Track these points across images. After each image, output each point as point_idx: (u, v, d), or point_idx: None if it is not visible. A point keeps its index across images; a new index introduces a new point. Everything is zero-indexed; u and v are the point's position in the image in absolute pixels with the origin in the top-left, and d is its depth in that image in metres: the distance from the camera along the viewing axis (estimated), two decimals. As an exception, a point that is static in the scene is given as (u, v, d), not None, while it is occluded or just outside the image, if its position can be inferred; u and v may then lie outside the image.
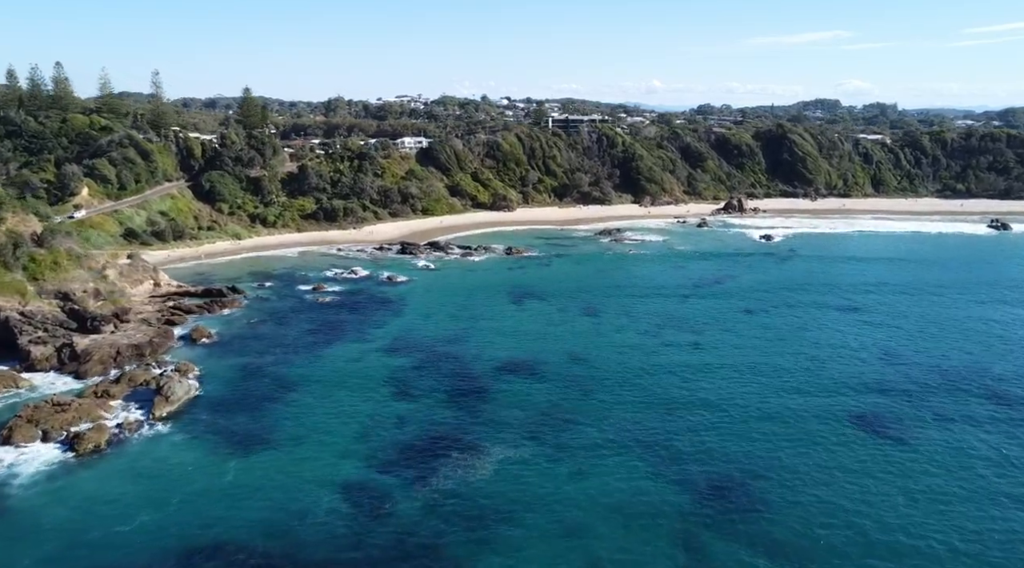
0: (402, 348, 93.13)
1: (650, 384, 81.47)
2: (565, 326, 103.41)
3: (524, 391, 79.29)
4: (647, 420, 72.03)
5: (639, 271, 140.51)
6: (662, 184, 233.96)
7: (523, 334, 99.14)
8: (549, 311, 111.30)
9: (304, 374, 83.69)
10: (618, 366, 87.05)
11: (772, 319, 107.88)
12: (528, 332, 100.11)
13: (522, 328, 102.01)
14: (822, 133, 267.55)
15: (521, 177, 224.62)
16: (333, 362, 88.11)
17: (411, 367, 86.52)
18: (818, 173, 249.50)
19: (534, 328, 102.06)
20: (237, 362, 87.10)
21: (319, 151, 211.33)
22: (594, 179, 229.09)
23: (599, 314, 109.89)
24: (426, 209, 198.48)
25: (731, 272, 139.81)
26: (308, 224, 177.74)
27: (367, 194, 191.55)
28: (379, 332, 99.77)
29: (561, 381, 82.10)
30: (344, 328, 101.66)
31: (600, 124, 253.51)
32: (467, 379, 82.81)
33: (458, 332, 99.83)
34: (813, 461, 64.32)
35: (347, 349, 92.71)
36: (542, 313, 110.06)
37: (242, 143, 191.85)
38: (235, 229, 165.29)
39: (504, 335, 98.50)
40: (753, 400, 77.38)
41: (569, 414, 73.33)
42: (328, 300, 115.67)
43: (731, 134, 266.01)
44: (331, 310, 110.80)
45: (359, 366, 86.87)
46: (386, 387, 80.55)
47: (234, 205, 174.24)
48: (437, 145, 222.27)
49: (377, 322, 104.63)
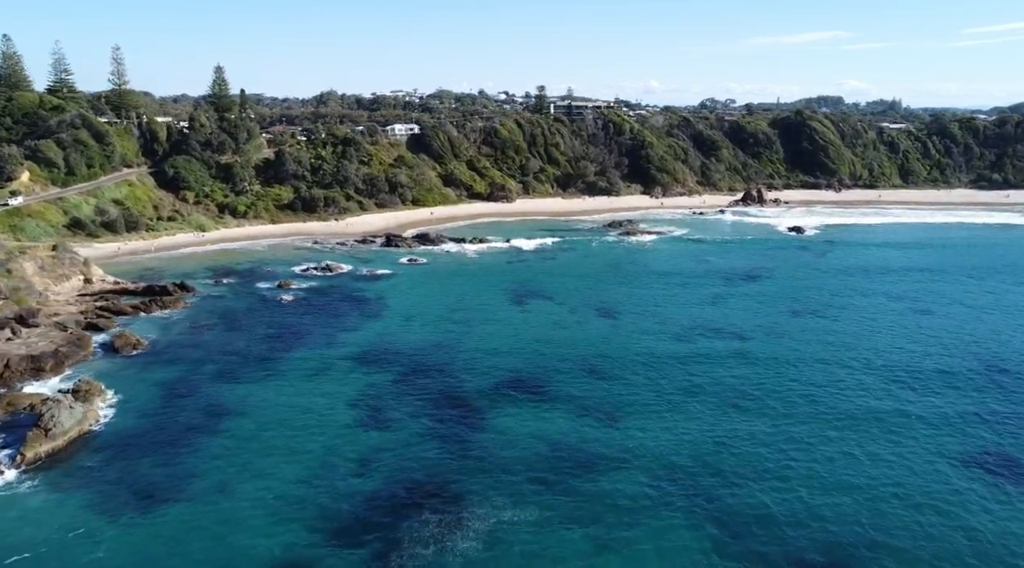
0: (376, 359, 74.69)
1: (695, 410, 63.02)
2: (578, 331, 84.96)
3: (529, 418, 60.90)
4: (693, 464, 53.64)
5: (659, 266, 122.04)
6: (674, 174, 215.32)
7: (527, 341, 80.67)
8: (557, 312, 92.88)
9: (248, 395, 65.23)
10: (648, 384, 68.63)
11: (829, 322, 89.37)
12: (533, 339, 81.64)
13: (525, 334, 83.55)
14: (843, 120, 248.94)
15: (521, 166, 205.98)
16: (287, 378, 69.66)
17: (386, 384, 68.10)
18: (841, 163, 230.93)
19: (540, 334, 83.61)
20: (164, 378, 68.56)
21: (301, 138, 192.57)
22: (600, 168, 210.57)
23: (617, 316, 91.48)
24: (417, 199, 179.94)
25: (764, 267, 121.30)
26: (284, 215, 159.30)
27: (351, 183, 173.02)
28: (350, 338, 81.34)
29: (576, 405, 63.68)
30: (307, 333, 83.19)
31: (606, 110, 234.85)
32: (456, 401, 64.37)
33: (447, 338, 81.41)
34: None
35: (307, 360, 74.24)
36: (549, 315, 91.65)
37: (212, 126, 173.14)
38: (200, 220, 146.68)
39: (504, 342, 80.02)
40: (836, 438, 59.01)
41: (589, 452, 54.95)
42: (293, 299, 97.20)
43: (746, 122, 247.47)
44: (295, 311, 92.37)
45: (319, 383, 68.41)
46: (351, 412, 62.13)
47: (201, 194, 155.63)
48: (430, 131, 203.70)
49: (349, 325, 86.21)
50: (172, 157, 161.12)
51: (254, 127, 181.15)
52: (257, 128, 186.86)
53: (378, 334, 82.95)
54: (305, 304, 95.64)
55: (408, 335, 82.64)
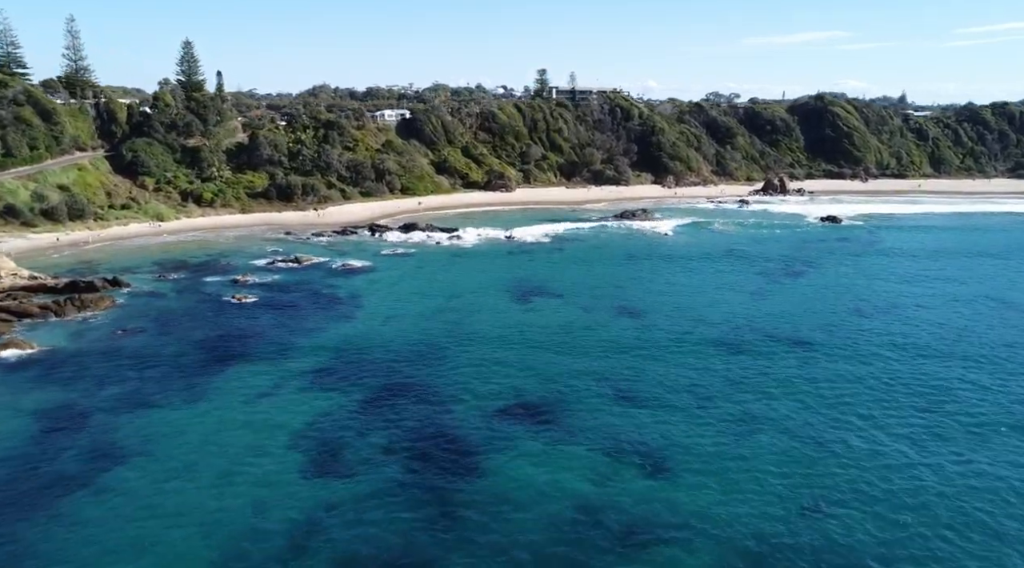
0: (340, 374, 57.52)
1: (768, 449, 45.86)
2: (597, 337, 67.75)
3: (540, 463, 43.77)
4: (782, 544, 36.52)
5: (683, 258, 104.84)
6: (688, 162, 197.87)
7: (534, 352, 63.49)
8: (569, 313, 75.67)
9: (158, 427, 48.05)
10: (697, 410, 51.50)
11: (906, 323, 72.18)
12: (541, 348, 64.45)
13: (532, 341, 66.32)
14: (867, 106, 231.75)
15: (521, 153, 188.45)
16: (219, 401, 52.46)
17: (348, 411, 50.94)
18: (867, 151, 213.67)
19: (550, 341, 66.42)
20: (46, 403, 51.32)
21: (280, 123, 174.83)
22: (607, 156, 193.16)
23: (642, 316, 74.25)
24: (406, 188, 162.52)
25: (805, 259, 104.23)
26: (257, 204, 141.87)
27: (334, 169, 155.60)
28: (310, 346, 64.16)
29: (605, 442, 46.54)
30: (257, 340, 65.97)
31: (613, 94, 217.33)
32: (440, 437, 47.21)
33: (431, 347, 64.22)
34: None
35: (250, 376, 57.06)
36: (560, 316, 74.43)
37: (179, 107, 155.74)
38: (158, 208, 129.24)
39: (504, 353, 62.86)
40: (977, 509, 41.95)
41: (629, 518, 37.82)
42: (249, 298, 79.92)
43: (762, 108, 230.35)
44: (249, 311, 75.15)
45: (260, 409, 51.21)
46: (296, 453, 44.99)
47: (162, 180, 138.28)
48: (421, 115, 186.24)
49: (312, 329, 69.00)
50: (131, 140, 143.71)
51: (226, 108, 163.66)
52: (231, 110, 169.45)
53: (346, 341, 65.71)
54: (262, 303, 78.40)
55: (383, 343, 65.42)
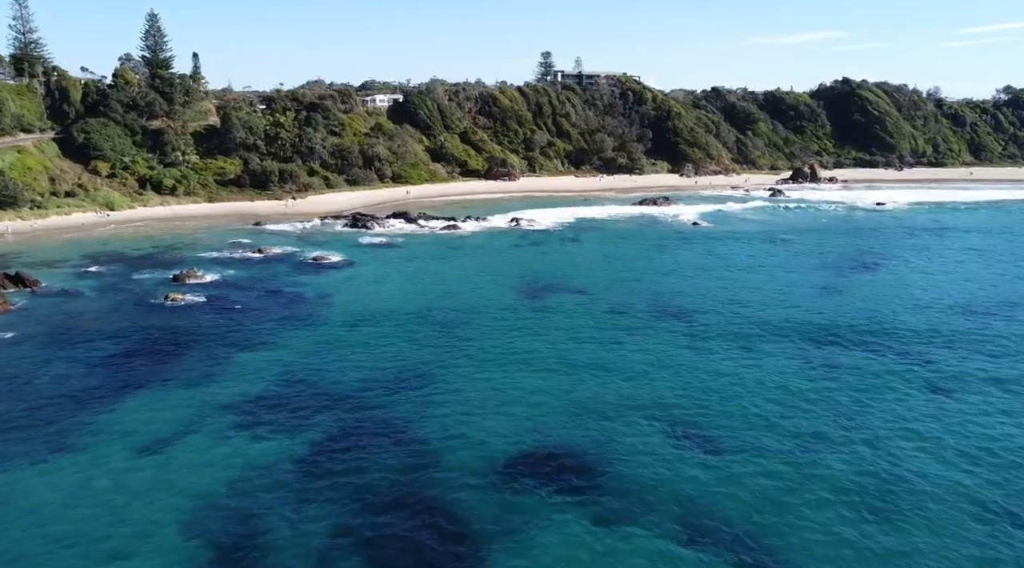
0: (285, 408, 40.48)
1: (923, 526, 28.80)
2: (637, 348, 50.64)
3: (582, 552, 26.64)
4: None
5: (723, 249, 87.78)
6: (707, 149, 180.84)
7: (555, 372, 46.37)
8: (596, 316, 58.59)
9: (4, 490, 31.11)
10: (804, 459, 34.42)
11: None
12: (565, 365, 47.36)
13: (550, 354, 49.25)
14: (898, 90, 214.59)
15: (525, 140, 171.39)
16: (96, 451, 35.41)
17: (287, 470, 33.84)
18: (901, 137, 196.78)
19: (575, 354, 49.34)
20: None
21: (260, 106, 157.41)
22: (619, 142, 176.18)
23: (690, 319, 57.18)
24: (398, 176, 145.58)
25: (874, 251, 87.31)
26: (227, 192, 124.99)
27: (316, 155, 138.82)
28: (251, 364, 47.15)
29: (682, 524, 29.40)
30: (181, 356, 48.93)
31: (624, 77, 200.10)
32: (425, 517, 30.00)
33: (417, 365, 47.16)
34: None
35: (154, 412, 40.00)
36: (584, 320, 57.35)
37: (142, 86, 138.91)
38: (109, 196, 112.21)
39: (515, 373, 45.77)
40: None
41: None
42: (187, 298, 62.90)
43: (783, 93, 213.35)
44: (184, 315, 58.16)
45: (154, 466, 34.14)
46: (192, 545, 27.90)
47: (118, 164, 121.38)
48: (415, 98, 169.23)
49: (259, 341, 51.99)
50: (84, 120, 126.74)
51: (196, 87, 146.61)
52: (203, 92, 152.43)
53: (301, 356, 48.69)
54: (203, 305, 61.41)
55: (351, 359, 48.37)
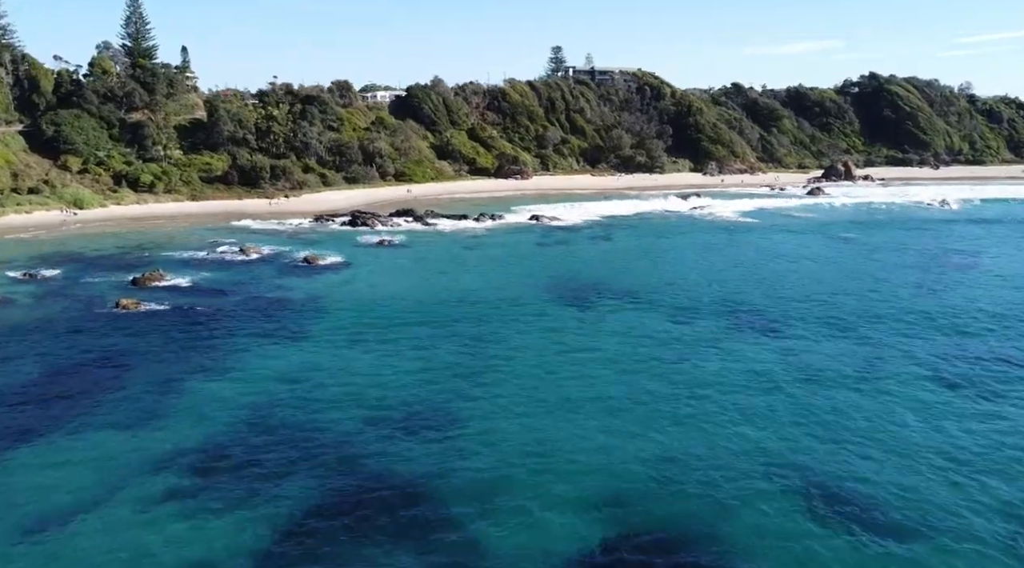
0: (249, 465, 28.14)
1: None
2: (724, 368, 38.28)
3: None
4: None
5: (784, 247, 75.46)
6: (731, 146, 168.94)
7: (623, 404, 33.97)
8: (657, 327, 46.20)
9: None
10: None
11: None
12: (634, 394, 35.00)
13: (613, 379, 36.88)
14: (929, 86, 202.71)
15: (537, 136, 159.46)
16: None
17: (243, 567, 21.52)
18: (935, 134, 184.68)
19: (643, 378, 36.99)
20: None
21: (252, 101, 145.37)
22: (637, 139, 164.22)
23: (778, 330, 44.85)
24: (402, 173, 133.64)
25: (963, 249, 75.13)
26: (213, 190, 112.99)
27: (312, 150, 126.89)
28: (207, 397, 34.86)
29: None
30: (123, 380, 36.71)
31: (640, 72, 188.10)
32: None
33: (433, 398, 34.81)
34: None
35: (70, 464, 27.75)
36: (644, 331, 44.98)
37: (122, 76, 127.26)
38: (79, 193, 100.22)
39: (572, 410, 33.45)
40: None
41: None
42: (146, 304, 50.69)
43: (807, 90, 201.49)
44: (135, 327, 45.95)
45: (49, 559, 21.82)
46: None
47: (91, 159, 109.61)
48: (419, 93, 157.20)
49: (227, 361, 39.72)
50: (55, 112, 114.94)
51: (180, 78, 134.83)
52: (189, 83, 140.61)
53: (277, 386, 36.39)
54: (164, 313, 49.22)
55: (345, 389, 36.05)
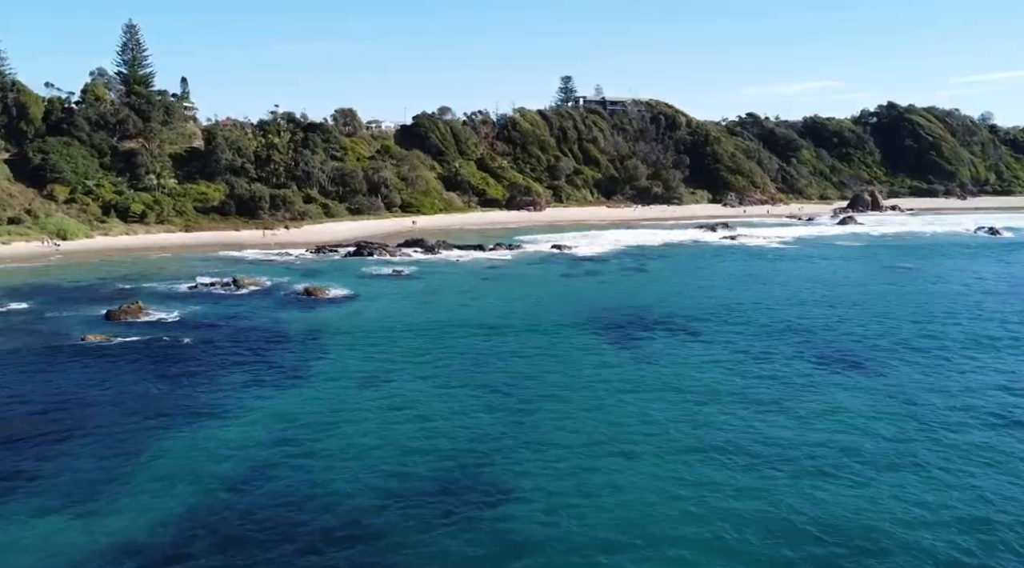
0: (234, 544, 20.06)
1: None
2: (824, 416, 30.33)
3: None
4: None
5: (845, 277, 67.73)
6: (751, 177, 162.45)
7: (717, 457, 26.00)
8: (729, 368, 38.25)
9: None
10: None
11: None
12: (725, 448, 27.00)
13: (688, 427, 28.89)
14: (949, 115, 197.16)
15: (549, 167, 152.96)
16: None
17: None
18: (960, 164, 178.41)
19: (731, 429, 28.99)
20: None
21: (252, 131, 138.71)
22: (653, 170, 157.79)
23: (878, 370, 36.91)
24: (409, 205, 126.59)
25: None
26: (209, 220, 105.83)
27: (315, 180, 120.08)
28: (179, 458, 26.85)
29: None
30: (69, 436, 28.70)
31: (654, 102, 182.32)
32: None
33: (466, 464, 26.74)
34: None
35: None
36: (715, 373, 36.99)
37: (116, 103, 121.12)
38: (63, 223, 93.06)
39: (651, 466, 25.42)
40: None
41: None
42: (118, 338, 42.85)
43: (825, 120, 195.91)
44: (101, 368, 38.05)
45: None
46: None
47: (80, 188, 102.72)
48: (425, 122, 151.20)
49: (203, 413, 31.74)
50: (43, 139, 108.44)
51: (178, 106, 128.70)
52: (188, 112, 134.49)
53: (264, 450, 28.37)
54: (140, 350, 41.36)
55: (351, 453, 27.98)
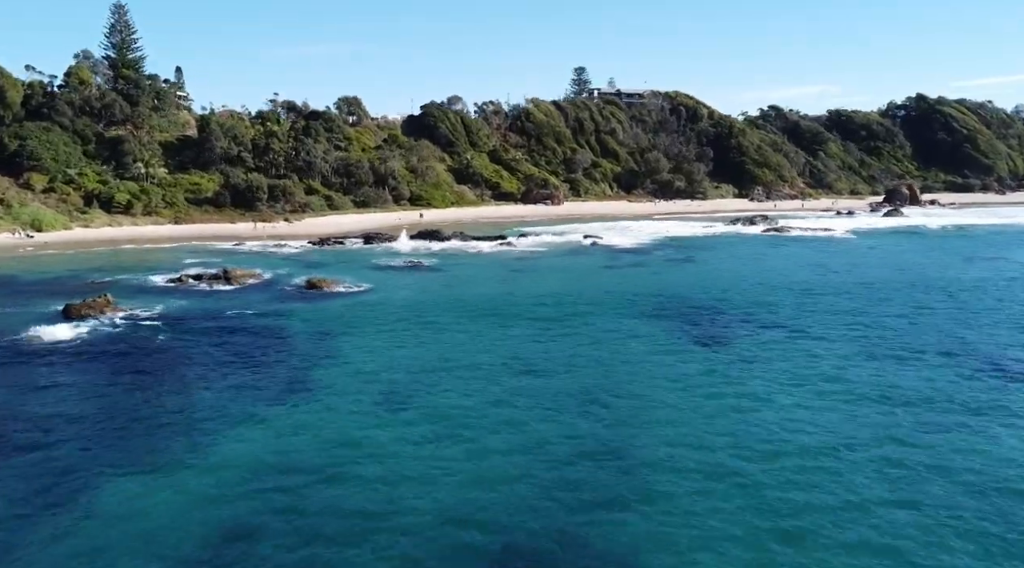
0: None
1: None
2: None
3: None
4: None
5: (913, 264, 58.70)
6: (779, 170, 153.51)
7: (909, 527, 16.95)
8: (864, 382, 29.29)
9: None
10: None
11: None
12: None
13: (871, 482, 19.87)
14: (981, 107, 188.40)
15: (565, 160, 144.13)
16: None
17: None
18: (997, 158, 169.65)
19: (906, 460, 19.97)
20: None
21: (249, 122, 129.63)
22: (675, 163, 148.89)
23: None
24: (419, 197, 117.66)
25: None
26: (202, 212, 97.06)
27: (317, 170, 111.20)
28: (141, 498, 17.85)
29: None
30: (9, 457, 19.74)
31: (673, 93, 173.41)
32: None
33: (545, 509, 17.72)
34: None
35: None
36: (853, 384, 28.08)
37: (102, 87, 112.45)
38: (39, 213, 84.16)
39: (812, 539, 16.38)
40: None
41: None
42: (83, 342, 33.89)
43: (851, 112, 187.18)
44: (44, 375, 29.07)
45: None
46: None
47: (60, 177, 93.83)
48: (435, 111, 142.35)
49: (181, 433, 22.70)
50: (21, 124, 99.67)
51: (170, 92, 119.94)
52: (181, 101, 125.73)
53: (255, 485, 19.38)
54: (97, 356, 32.35)
55: (373, 498, 18.98)
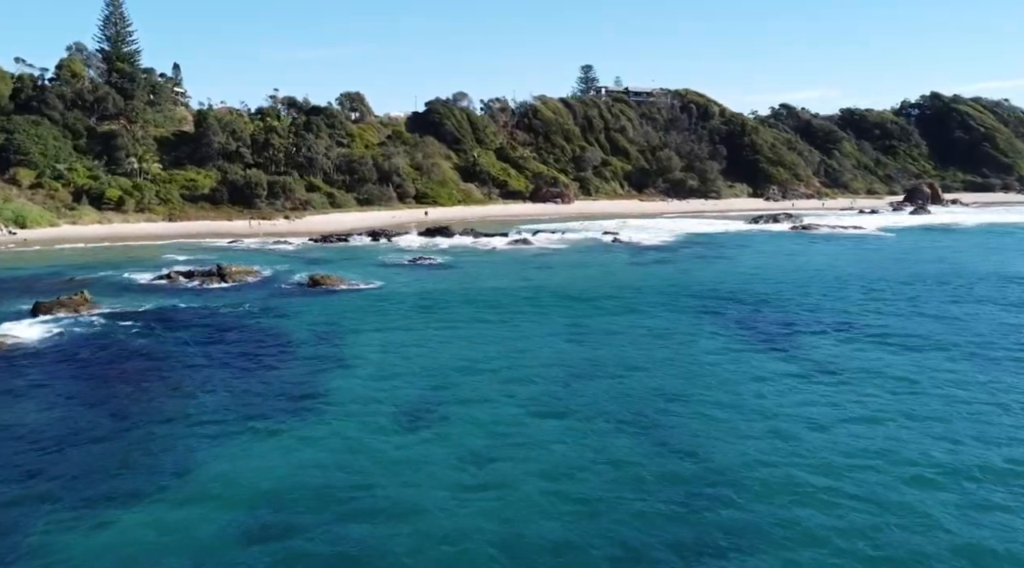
0: None
1: None
2: None
3: None
4: None
5: (967, 258, 54.03)
6: (794, 169, 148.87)
7: None
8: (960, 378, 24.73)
9: None
10: None
11: None
12: None
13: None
14: (997, 105, 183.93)
15: (575, 158, 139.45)
16: None
17: None
18: (1017, 157, 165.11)
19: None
20: None
21: (248, 118, 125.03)
22: (687, 162, 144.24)
23: None
24: (424, 195, 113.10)
25: None
26: (198, 209, 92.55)
27: (318, 167, 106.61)
28: (108, 541, 13.26)
29: None
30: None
31: (683, 91, 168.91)
32: None
33: (604, 551, 13.13)
34: None
35: None
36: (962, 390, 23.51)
37: (95, 80, 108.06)
38: (25, 210, 79.59)
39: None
40: None
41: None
42: (50, 342, 29.32)
43: (865, 111, 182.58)
44: (17, 377, 24.55)
45: None
46: None
47: (49, 172, 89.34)
48: (440, 108, 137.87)
49: (155, 457, 18.14)
50: (8, 118, 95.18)
51: (166, 86, 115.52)
52: (178, 97, 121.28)
53: (243, 548, 14.77)
54: (63, 358, 27.77)
55: (395, 541, 14.40)
